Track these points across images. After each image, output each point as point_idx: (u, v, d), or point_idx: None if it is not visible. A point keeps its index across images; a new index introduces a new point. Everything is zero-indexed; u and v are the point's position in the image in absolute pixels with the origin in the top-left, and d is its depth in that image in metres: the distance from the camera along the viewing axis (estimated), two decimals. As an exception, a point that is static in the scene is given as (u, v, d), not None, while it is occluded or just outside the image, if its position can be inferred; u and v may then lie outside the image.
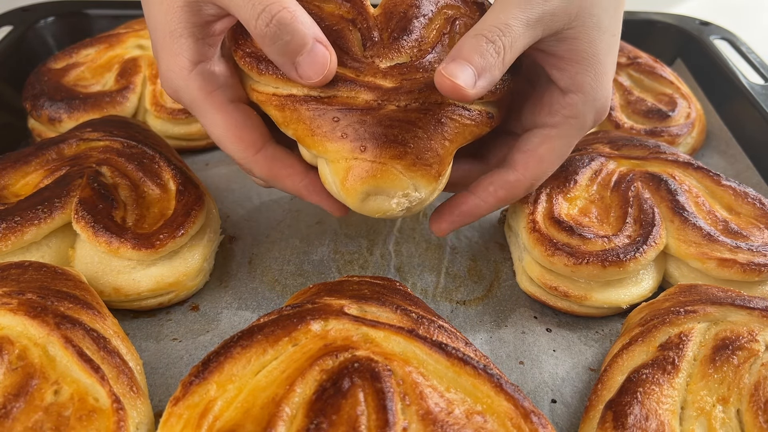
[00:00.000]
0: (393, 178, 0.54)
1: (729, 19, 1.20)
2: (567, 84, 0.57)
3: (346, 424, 0.43)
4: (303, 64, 0.51)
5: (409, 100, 0.54)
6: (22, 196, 0.67)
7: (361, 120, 0.53)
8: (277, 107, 0.56)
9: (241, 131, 0.57)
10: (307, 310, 0.52)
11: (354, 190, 0.54)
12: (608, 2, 0.56)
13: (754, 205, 0.72)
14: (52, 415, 0.46)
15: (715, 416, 0.50)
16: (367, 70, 0.56)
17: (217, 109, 0.56)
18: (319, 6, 0.58)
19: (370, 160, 0.53)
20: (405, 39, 0.57)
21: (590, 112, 0.59)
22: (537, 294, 0.70)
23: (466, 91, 0.51)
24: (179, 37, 0.54)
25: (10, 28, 1.00)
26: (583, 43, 0.55)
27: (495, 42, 0.52)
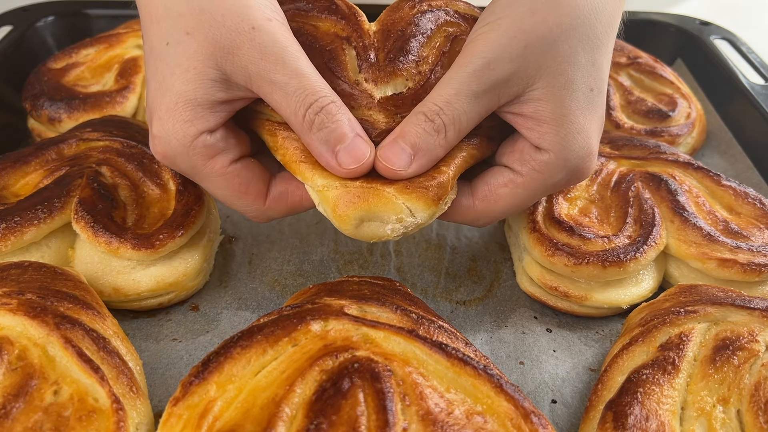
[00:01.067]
0: (385, 202, 0.52)
1: (729, 19, 1.20)
2: (537, 142, 0.54)
3: (346, 425, 0.43)
4: (343, 153, 0.52)
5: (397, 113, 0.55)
6: (22, 196, 0.67)
7: None
8: (269, 132, 0.56)
9: (247, 187, 0.57)
10: (307, 310, 0.52)
11: (346, 217, 0.53)
12: (582, 56, 0.52)
13: (754, 205, 0.72)
14: (52, 416, 0.46)
15: (715, 416, 0.50)
16: (361, 100, 0.55)
17: (218, 174, 0.56)
18: (315, 25, 0.57)
19: (361, 185, 0.53)
20: (402, 60, 0.56)
21: (560, 172, 0.56)
22: (537, 294, 0.70)
23: (400, 173, 0.52)
24: (197, 107, 0.52)
25: (9, 28, 1.00)
26: (549, 104, 0.52)
27: (434, 120, 0.52)
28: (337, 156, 0.52)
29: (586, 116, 0.54)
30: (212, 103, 0.53)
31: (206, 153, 0.55)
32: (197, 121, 0.53)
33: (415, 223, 0.54)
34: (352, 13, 0.58)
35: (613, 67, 1.01)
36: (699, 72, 1.07)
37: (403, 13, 0.59)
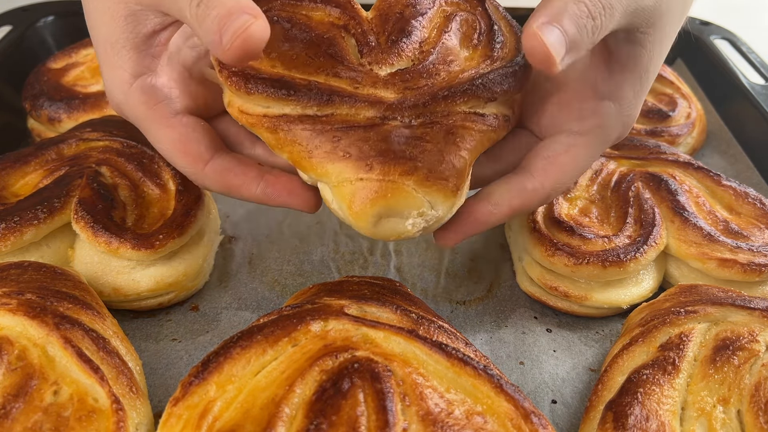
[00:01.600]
0: (405, 196, 0.49)
1: (729, 19, 1.19)
2: (608, 90, 0.52)
3: (346, 425, 0.43)
4: (224, 33, 0.43)
5: (414, 115, 0.50)
6: (22, 196, 0.67)
7: (364, 137, 0.49)
8: (269, 129, 0.51)
9: (186, 145, 0.53)
10: (306, 310, 0.52)
11: (364, 213, 0.49)
12: (678, 21, 0.52)
13: (754, 205, 0.72)
14: (52, 416, 0.45)
15: (715, 417, 0.50)
16: (366, 79, 0.51)
17: (160, 123, 0.53)
18: (307, 15, 0.55)
19: (378, 178, 0.49)
20: (404, 42, 0.53)
21: (619, 126, 0.54)
22: (537, 294, 0.70)
23: (554, 61, 0.44)
24: (121, 49, 0.51)
25: (9, 28, 1.00)
26: (644, 53, 0.51)
27: (596, 19, 0.46)
28: (222, 40, 0.44)
29: (652, 77, 0.54)
30: (133, 42, 0.51)
31: (146, 100, 0.53)
32: (127, 65, 0.52)
33: (436, 216, 0.51)
34: (347, 0, 0.55)
35: (613, 67, 1.01)
36: (699, 72, 1.07)
37: None
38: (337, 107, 0.50)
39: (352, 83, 0.51)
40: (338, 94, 0.50)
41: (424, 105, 0.50)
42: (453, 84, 0.51)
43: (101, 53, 0.53)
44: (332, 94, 0.50)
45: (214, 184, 0.55)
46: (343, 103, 0.50)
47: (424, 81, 0.51)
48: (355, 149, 0.49)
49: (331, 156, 0.50)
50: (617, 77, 0.52)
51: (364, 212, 0.49)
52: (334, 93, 0.50)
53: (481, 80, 0.52)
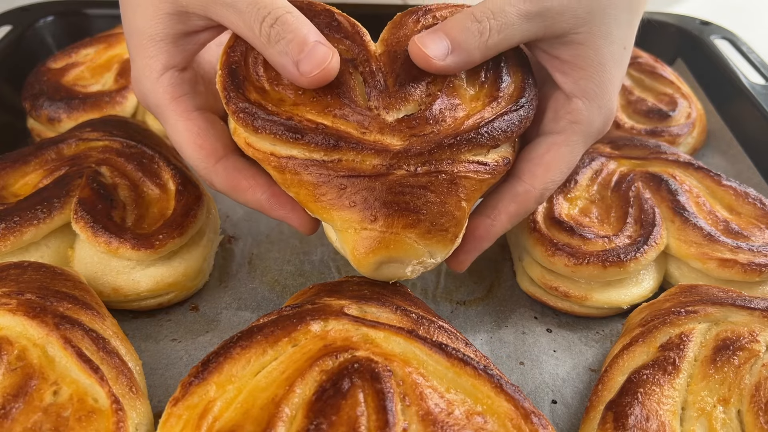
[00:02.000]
0: (407, 248, 0.52)
1: (729, 19, 1.19)
2: (571, 88, 0.56)
3: (345, 425, 0.43)
4: (304, 61, 0.49)
5: (419, 163, 0.51)
6: (22, 196, 0.66)
7: (369, 187, 0.50)
8: (276, 168, 0.52)
9: (202, 139, 0.55)
10: (306, 310, 0.52)
11: (366, 261, 0.52)
12: (622, 15, 0.55)
13: (754, 205, 0.72)
14: (52, 416, 0.45)
15: (715, 417, 0.50)
16: (373, 125, 0.52)
17: (179, 115, 0.55)
18: None
19: (381, 230, 0.51)
20: (412, 86, 0.53)
21: (597, 118, 0.57)
22: (537, 294, 0.70)
23: (433, 62, 0.50)
24: (158, 42, 0.53)
25: (9, 28, 1.00)
26: (588, 50, 0.54)
27: (481, 22, 0.50)
28: (299, 66, 0.49)
29: (618, 69, 0.56)
30: (173, 37, 0.53)
31: (172, 91, 0.55)
32: (161, 56, 0.54)
33: (434, 263, 0.54)
34: (356, 31, 0.54)
35: (613, 66, 1.01)
36: (699, 72, 1.07)
37: (407, 29, 0.55)
38: (344, 153, 0.51)
39: (360, 128, 0.52)
40: (345, 140, 0.50)
41: (429, 153, 0.51)
42: (458, 132, 0.52)
43: (135, 42, 0.55)
44: (339, 140, 0.50)
45: (222, 182, 0.56)
46: (350, 149, 0.50)
47: (430, 128, 0.52)
48: (360, 198, 0.50)
49: (337, 204, 0.51)
50: (573, 76, 0.55)
51: (367, 260, 0.52)
52: (341, 139, 0.50)
53: (486, 128, 0.53)
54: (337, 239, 0.54)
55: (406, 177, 0.51)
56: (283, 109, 0.52)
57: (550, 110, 0.58)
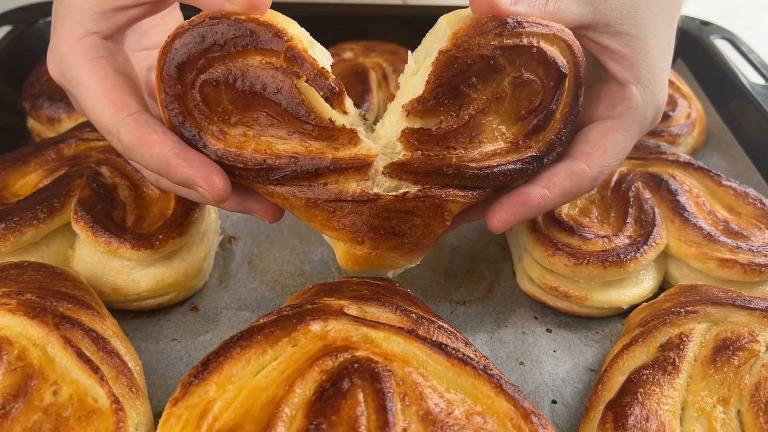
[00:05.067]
0: (390, 263, 0.56)
1: (729, 19, 1.19)
2: (625, 76, 0.57)
3: (345, 425, 0.43)
4: None
5: (411, 180, 0.51)
6: (22, 196, 0.67)
7: (357, 211, 0.52)
8: (266, 193, 0.54)
9: (116, 93, 0.51)
10: (306, 310, 0.52)
11: (352, 269, 0.56)
12: (662, 11, 0.58)
13: (754, 205, 0.72)
14: (51, 416, 0.45)
15: (715, 417, 0.50)
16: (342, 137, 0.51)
17: (95, 73, 0.52)
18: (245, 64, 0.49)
19: (368, 251, 0.54)
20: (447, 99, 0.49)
21: (650, 106, 0.58)
22: (537, 294, 0.70)
23: (500, 6, 0.48)
24: (86, 11, 0.52)
25: (9, 28, 1.00)
26: (636, 40, 0.56)
27: None
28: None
29: (665, 61, 0.59)
30: (102, 8, 0.52)
31: (91, 52, 0.52)
32: (86, 22, 0.52)
33: (411, 266, 0.59)
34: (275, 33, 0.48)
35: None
36: (699, 72, 1.07)
37: (486, 39, 0.49)
38: (326, 178, 0.51)
39: (331, 145, 0.51)
40: (323, 167, 0.50)
41: (424, 174, 0.51)
42: (461, 166, 0.51)
43: (61, 12, 0.53)
44: (317, 168, 0.50)
45: (131, 133, 0.51)
46: (330, 173, 0.51)
47: (438, 149, 0.51)
48: (348, 222, 0.52)
49: (327, 225, 0.53)
50: (626, 64, 0.57)
51: (352, 269, 0.56)
52: (318, 167, 0.50)
53: (488, 172, 0.52)
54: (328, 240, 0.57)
55: (393, 202, 0.52)
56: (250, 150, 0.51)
57: (604, 99, 0.59)
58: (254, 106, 0.50)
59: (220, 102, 0.50)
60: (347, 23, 1.09)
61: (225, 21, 0.48)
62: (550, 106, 0.54)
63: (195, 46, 0.49)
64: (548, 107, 0.53)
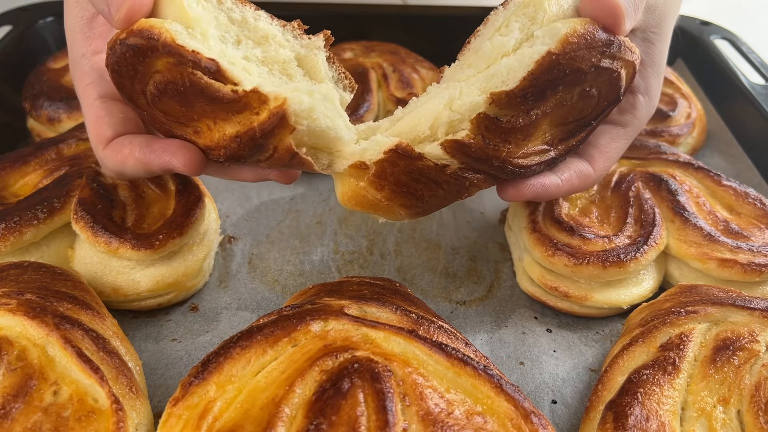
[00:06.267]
0: (391, 214, 0.54)
1: (729, 19, 1.19)
2: (638, 84, 0.59)
3: (345, 425, 0.43)
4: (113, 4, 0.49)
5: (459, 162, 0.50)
6: (21, 196, 0.67)
7: (393, 161, 0.50)
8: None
9: (97, 127, 0.57)
10: (306, 310, 0.52)
11: (350, 206, 0.54)
12: (672, 22, 0.61)
13: (754, 205, 0.72)
14: (52, 416, 0.45)
15: (715, 417, 0.50)
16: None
17: (85, 102, 0.58)
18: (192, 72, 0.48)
19: (379, 198, 0.52)
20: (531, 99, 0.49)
21: (648, 115, 0.62)
22: (537, 294, 0.70)
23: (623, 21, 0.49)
24: (72, 33, 0.58)
25: (9, 28, 1.00)
26: (656, 50, 0.59)
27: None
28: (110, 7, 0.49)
29: (663, 74, 0.62)
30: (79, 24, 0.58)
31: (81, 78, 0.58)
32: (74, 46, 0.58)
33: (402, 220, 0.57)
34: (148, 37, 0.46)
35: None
36: (699, 72, 1.07)
37: (590, 53, 0.48)
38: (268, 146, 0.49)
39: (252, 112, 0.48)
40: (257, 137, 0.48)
41: (475, 160, 0.51)
42: (507, 161, 0.52)
43: (67, 37, 0.60)
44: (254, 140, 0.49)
45: (110, 163, 0.56)
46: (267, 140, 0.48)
47: (498, 139, 0.51)
48: (379, 166, 0.50)
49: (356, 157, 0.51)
50: (644, 72, 0.59)
51: (351, 206, 0.53)
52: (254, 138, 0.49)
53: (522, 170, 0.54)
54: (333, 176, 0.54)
55: (431, 169, 0.51)
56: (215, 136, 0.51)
57: None
58: (193, 102, 0.50)
59: (174, 109, 0.51)
60: (347, 23, 1.09)
61: (117, 46, 0.48)
62: (592, 121, 0.55)
63: (119, 79, 0.51)
64: (591, 121, 0.55)
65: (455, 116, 0.49)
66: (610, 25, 0.49)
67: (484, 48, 0.51)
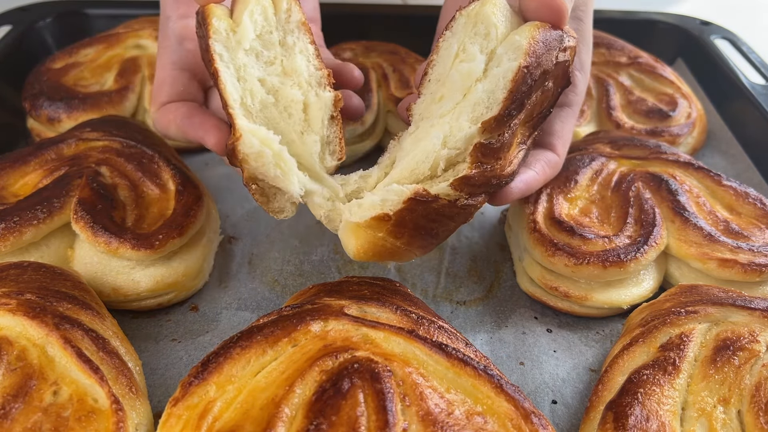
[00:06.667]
0: (407, 257, 0.55)
1: (729, 19, 1.19)
2: (575, 63, 0.60)
3: (345, 425, 0.42)
4: None
5: (466, 194, 0.51)
6: (21, 196, 0.66)
7: (411, 208, 0.50)
8: None
9: (158, 89, 0.63)
10: (306, 310, 0.52)
11: (367, 259, 0.53)
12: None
13: (755, 205, 0.72)
14: (51, 416, 0.45)
15: (716, 417, 0.50)
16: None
17: (159, 64, 0.64)
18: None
19: (398, 245, 0.52)
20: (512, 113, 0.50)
21: (585, 90, 0.65)
22: (537, 294, 0.70)
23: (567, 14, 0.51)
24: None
25: (9, 28, 1.00)
26: (585, 26, 0.62)
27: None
28: None
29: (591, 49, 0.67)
30: None
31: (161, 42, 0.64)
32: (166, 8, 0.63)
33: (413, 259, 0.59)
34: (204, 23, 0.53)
35: (613, 66, 1.01)
36: (699, 72, 1.07)
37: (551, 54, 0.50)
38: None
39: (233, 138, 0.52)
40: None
41: (478, 187, 0.51)
42: (501, 176, 0.53)
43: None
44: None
45: (158, 123, 0.63)
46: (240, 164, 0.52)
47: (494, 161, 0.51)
48: (398, 216, 0.50)
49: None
50: (579, 50, 0.62)
51: (368, 259, 0.53)
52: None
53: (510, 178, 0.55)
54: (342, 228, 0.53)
55: (446, 206, 0.51)
56: None
57: None
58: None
59: None
60: (347, 23, 1.09)
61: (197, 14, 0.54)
62: (550, 109, 0.56)
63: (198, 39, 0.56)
64: (549, 109, 0.56)
65: (453, 152, 0.51)
66: (557, 22, 0.50)
67: (452, 78, 0.51)
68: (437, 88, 0.53)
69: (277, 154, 0.50)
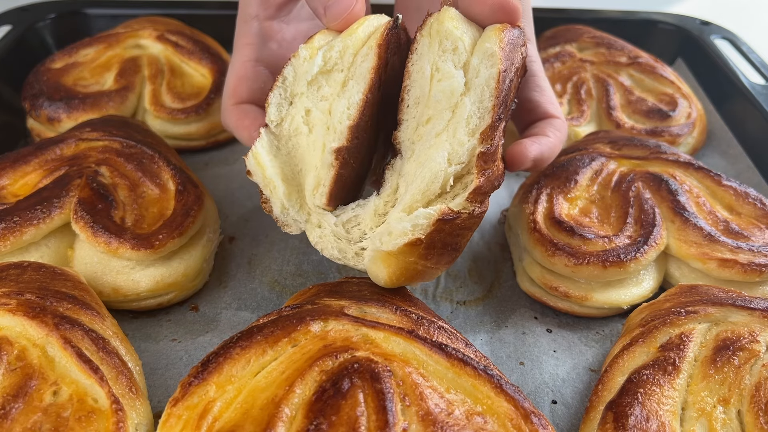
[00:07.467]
0: (434, 276, 0.56)
1: (729, 19, 1.20)
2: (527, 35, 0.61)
3: (345, 425, 0.42)
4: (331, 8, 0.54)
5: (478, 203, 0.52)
6: (21, 196, 0.66)
7: (439, 228, 0.50)
8: None
9: (238, 84, 0.63)
10: (306, 310, 0.52)
11: (400, 284, 0.55)
12: None
13: (755, 205, 0.72)
14: (51, 416, 0.45)
15: (715, 417, 0.50)
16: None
17: (238, 60, 0.65)
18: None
19: (428, 266, 0.53)
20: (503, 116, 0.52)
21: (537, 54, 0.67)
22: (537, 294, 0.70)
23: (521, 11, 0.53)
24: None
25: (9, 28, 1.00)
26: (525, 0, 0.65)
27: None
28: (327, 12, 0.54)
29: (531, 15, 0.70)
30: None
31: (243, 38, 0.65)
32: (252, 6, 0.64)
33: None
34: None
35: (613, 66, 1.01)
36: (699, 72, 1.07)
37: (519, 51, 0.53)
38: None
39: None
40: None
41: (485, 194, 0.52)
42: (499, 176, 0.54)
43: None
44: None
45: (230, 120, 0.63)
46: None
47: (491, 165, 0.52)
48: (428, 238, 0.50)
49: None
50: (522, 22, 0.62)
51: (400, 284, 0.55)
52: None
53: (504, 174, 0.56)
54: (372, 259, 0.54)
55: (466, 220, 0.52)
56: None
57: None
58: None
59: None
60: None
61: None
62: (515, 100, 0.57)
63: None
64: (514, 101, 0.57)
65: (459, 167, 0.51)
66: (513, 21, 0.52)
67: (436, 98, 0.52)
68: (422, 110, 0.52)
69: (267, 178, 0.54)
